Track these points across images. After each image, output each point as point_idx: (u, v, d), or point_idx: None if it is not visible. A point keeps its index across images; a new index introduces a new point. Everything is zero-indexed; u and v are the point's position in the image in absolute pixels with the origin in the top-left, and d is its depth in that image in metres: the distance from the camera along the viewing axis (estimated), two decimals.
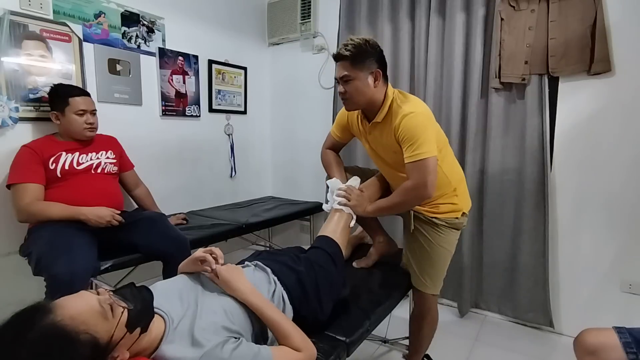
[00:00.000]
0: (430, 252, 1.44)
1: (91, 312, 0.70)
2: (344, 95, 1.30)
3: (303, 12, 2.73)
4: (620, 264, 1.85)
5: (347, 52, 1.24)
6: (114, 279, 1.69)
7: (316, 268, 1.16)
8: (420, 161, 1.23)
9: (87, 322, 0.68)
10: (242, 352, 0.82)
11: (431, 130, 1.27)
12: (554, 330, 2.02)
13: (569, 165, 1.94)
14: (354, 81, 1.26)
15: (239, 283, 0.95)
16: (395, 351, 1.88)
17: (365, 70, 1.26)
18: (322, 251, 1.25)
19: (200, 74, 2.54)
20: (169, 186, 2.39)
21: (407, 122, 1.24)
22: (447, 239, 1.43)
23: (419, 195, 1.27)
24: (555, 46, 1.84)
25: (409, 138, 1.24)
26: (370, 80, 1.27)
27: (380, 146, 1.41)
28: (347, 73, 1.26)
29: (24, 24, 1.70)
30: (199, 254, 0.99)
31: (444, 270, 1.48)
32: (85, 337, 0.67)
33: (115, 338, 0.72)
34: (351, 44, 1.25)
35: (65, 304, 0.70)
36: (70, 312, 0.68)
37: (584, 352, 1.04)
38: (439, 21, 2.17)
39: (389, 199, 1.37)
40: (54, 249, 1.38)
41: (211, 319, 0.87)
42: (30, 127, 1.75)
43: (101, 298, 0.73)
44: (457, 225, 1.43)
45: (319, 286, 1.12)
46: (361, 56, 1.25)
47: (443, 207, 1.41)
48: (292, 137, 3.03)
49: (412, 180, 1.26)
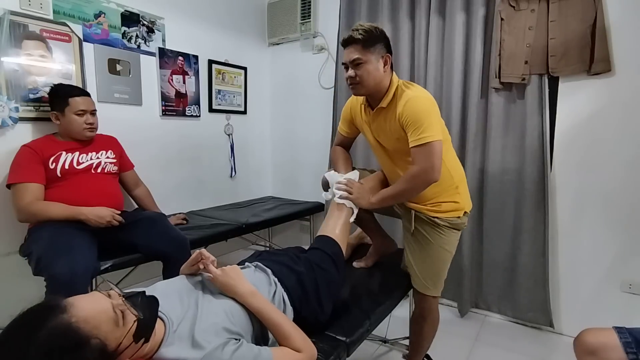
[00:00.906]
0: (431, 254, 1.42)
1: (105, 317, 0.69)
2: (354, 79, 1.30)
3: (303, 12, 2.73)
4: (620, 264, 1.85)
5: (359, 36, 1.25)
6: (114, 279, 1.69)
7: (315, 269, 1.16)
8: (426, 145, 1.22)
9: (100, 327, 0.68)
10: (243, 353, 0.82)
11: (435, 115, 1.26)
12: (554, 330, 2.02)
13: (569, 165, 1.94)
14: (365, 64, 1.26)
15: (237, 286, 0.95)
16: (395, 351, 1.88)
17: (376, 54, 1.27)
18: (321, 252, 1.24)
19: (200, 74, 2.54)
20: (169, 186, 2.39)
21: (411, 105, 1.24)
22: (448, 240, 1.42)
23: (426, 179, 1.26)
24: (555, 46, 1.84)
25: (414, 122, 1.23)
26: (380, 65, 1.28)
27: (383, 133, 1.39)
28: (358, 56, 1.26)
29: (24, 24, 1.70)
30: (194, 256, 1.00)
31: (445, 272, 1.47)
32: (95, 342, 0.66)
33: (122, 347, 0.71)
34: (362, 29, 1.26)
35: (80, 305, 0.68)
36: (85, 314, 0.67)
37: (584, 352, 1.04)
38: (439, 21, 2.17)
39: (394, 187, 1.35)
40: (54, 249, 1.38)
41: (212, 320, 0.86)
42: (30, 127, 1.75)
43: (115, 303, 0.72)
44: (459, 225, 1.42)
45: (319, 287, 1.12)
46: (372, 40, 1.26)
47: (445, 205, 1.39)
48: (292, 137, 3.03)
49: (418, 165, 1.25)
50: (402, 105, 1.26)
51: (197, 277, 1.01)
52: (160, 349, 0.80)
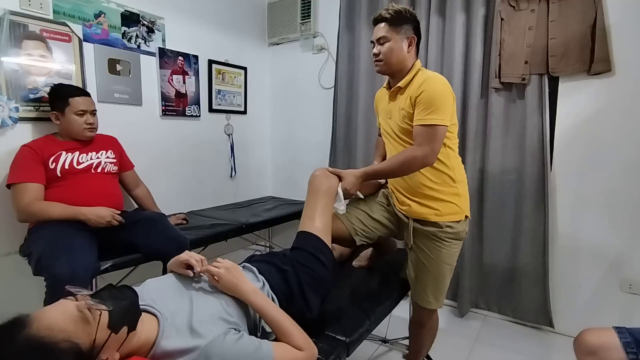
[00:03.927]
0: (431, 270, 1.37)
1: (68, 319, 0.69)
2: (378, 56, 1.34)
3: (303, 12, 2.73)
4: (620, 264, 1.85)
5: (388, 15, 1.30)
6: (114, 279, 1.69)
7: (298, 267, 1.14)
8: (431, 126, 1.22)
9: (66, 330, 0.68)
10: (245, 343, 0.83)
11: (449, 101, 1.26)
12: (554, 330, 2.02)
13: (569, 165, 1.94)
14: (389, 43, 1.31)
15: (240, 284, 0.95)
16: (395, 351, 1.88)
17: (401, 34, 1.31)
18: (301, 250, 1.19)
19: (200, 74, 2.54)
20: (169, 186, 2.39)
21: (428, 85, 1.25)
22: (448, 253, 1.36)
23: (423, 162, 1.25)
24: (555, 46, 1.84)
25: (426, 102, 1.23)
26: (405, 45, 1.32)
27: (393, 114, 1.37)
28: (384, 34, 1.31)
29: (24, 24, 1.70)
30: (183, 257, 0.98)
31: (447, 284, 1.42)
32: (66, 344, 0.66)
33: (99, 341, 0.71)
34: (392, 9, 1.31)
35: (41, 315, 0.69)
36: (46, 323, 0.67)
37: (584, 352, 1.04)
38: (439, 21, 2.17)
39: (387, 163, 1.33)
40: (54, 249, 1.37)
41: (208, 312, 0.87)
42: (30, 127, 1.75)
43: (78, 304, 0.72)
44: (459, 234, 1.36)
45: (302, 283, 1.10)
46: (400, 20, 1.30)
47: (445, 207, 1.33)
48: (292, 137, 3.03)
49: (419, 145, 1.24)
50: (419, 84, 1.27)
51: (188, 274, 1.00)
52: (158, 342, 0.80)
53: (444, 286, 1.41)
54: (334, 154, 2.64)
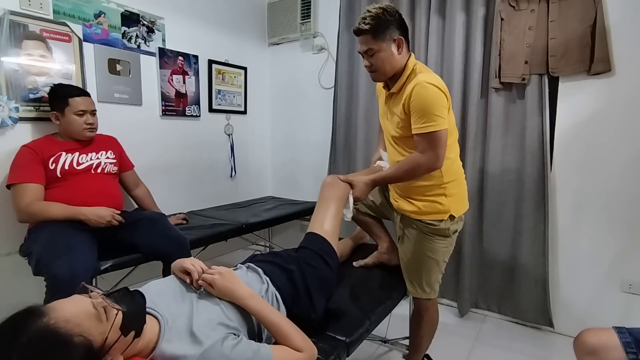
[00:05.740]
0: (413, 259, 1.40)
1: (85, 314, 0.70)
2: (370, 68, 1.30)
3: (303, 12, 2.73)
4: (620, 264, 1.85)
5: (367, 26, 1.22)
6: (114, 279, 1.69)
7: (304, 266, 1.14)
8: (430, 134, 1.21)
9: (81, 325, 0.68)
10: (242, 349, 0.82)
11: (442, 103, 1.21)
12: (554, 330, 2.02)
13: (569, 165, 1.94)
14: (378, 53, 1.26)
15: (235, 289, 0.94)
16: (395, 351, 1.88)
17: (387, 40, 1.24)
18: (309, 250, 1.21)
19: (200, 74, 2.54)
20: (169, 186, 2.39)
21: (418, 91, 1.20)
22: (432, 247, 1.37)
23: (429, 167, 1.25)
24: (555, 46, 1.84)
25: (419, 109, 1.20)
26: (394, 49, 1.26)
27: (391, 116, 1.37)
28: (370, 47, 1.25)
29: (24, 24, 1.70)
30: (186, 264, 0.97)
31: (432, 278, 1.42)
32: (79, 339, 0.67)
33: (110, 341, 0.72)
34: (369, 16, 1.22)
35: (59, 307, 0.69)
36: (65, 315, 0.68)
37: (584, 352, 1.03)
38: (439, 21, 2.17)
39: (393, 170, 1.33)
40: (54, 249, 1.37)
41: (208, 316, 0.87)
42: (30, 127, 1.75)
43: (95, 301, 0.73)
44: (443, 232, 1.35)
45: (309, 284, 1.11)
46: (381, 27, 1.23)
47: (426, 206, 1.34)
48: (292, 137, 3.03)
49: (422, 153, 1.24)
50: (409, 90, 1.23)
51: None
52: (159, 345, 0.80)
53: (429, 278, 1.42)
54: (334, 154, 2.65)
